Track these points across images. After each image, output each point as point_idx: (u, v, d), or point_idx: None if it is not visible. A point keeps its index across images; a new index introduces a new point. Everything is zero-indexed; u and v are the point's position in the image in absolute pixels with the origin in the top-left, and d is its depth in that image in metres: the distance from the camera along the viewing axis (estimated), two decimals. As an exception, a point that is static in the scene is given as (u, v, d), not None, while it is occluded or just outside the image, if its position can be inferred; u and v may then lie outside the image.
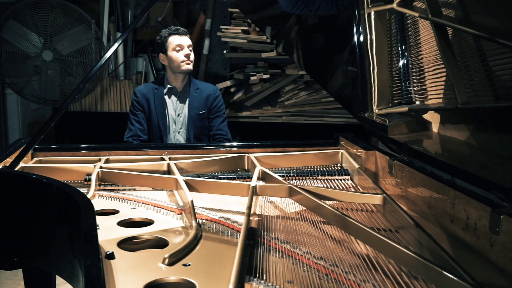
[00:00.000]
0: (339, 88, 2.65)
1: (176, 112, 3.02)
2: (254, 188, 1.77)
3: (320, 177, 2.09)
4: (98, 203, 1.80)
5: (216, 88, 3.11)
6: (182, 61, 2.91)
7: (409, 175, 1.76)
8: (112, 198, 1.87)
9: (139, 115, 2.98)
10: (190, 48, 2.95)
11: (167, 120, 3.00)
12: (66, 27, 4.59)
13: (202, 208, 1.73)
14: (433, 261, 1.16)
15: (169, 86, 3.00)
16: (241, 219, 1.52)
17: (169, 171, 2.10)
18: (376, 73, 2.13)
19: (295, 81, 4.43)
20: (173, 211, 1.70)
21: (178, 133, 3.02)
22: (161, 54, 2.98)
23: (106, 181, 2.02)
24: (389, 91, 2.13)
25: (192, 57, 2.95)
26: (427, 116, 1.96)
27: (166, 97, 3.00)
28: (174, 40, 2.93)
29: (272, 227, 1.52)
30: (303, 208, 1.68)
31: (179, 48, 2.92)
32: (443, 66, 1.72)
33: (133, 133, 2.96)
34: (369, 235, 1.32)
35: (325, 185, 2.00)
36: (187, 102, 3.01)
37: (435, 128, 1.92)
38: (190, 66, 2.94)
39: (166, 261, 1.25)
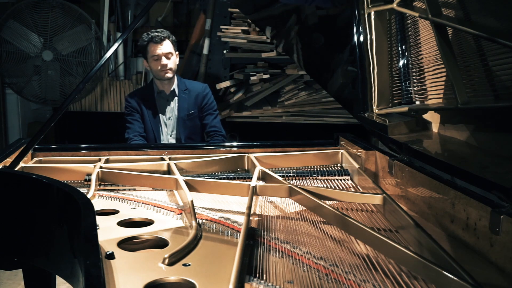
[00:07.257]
0: (339, 88, 2.64)
1: (167, 115, 3.01)
2: (254, 188, 1.77)
3: (320, 177, 2.09)
4: (98, 203, 1.80)
5: (206, 86, 3.08)
6: (161, 71, 2.89)
7: (409, 175, 1.76)
8: (112, 198, 1.87)
9: (136, 115, 2.98)
10: (170, 55, 2.89)
11: (160, 124, 2.99)
12: (66, 27, 4.60)
13: (202, 208, 1.73)
14: (433, 261, 1.16)
15: (157, 90, 2.99)
16: (241, 219, 1.52)
17: (169, 171, 2.10)
18: (376, 73, 2.13)
19: (295, 81, 4.43)
20: (173, 211, 1.70)
21: (170, 136, 3.02)
22: (144, 60, 2.98)
23: (106, 181, 2.02)
24: (389, 91, 2.13)
25: (170, 65, 2.89)
26: (427, 116, 1.96)
27: (156, 101, 2.99)
28: (152, 49, 2.88)
29: (272, 227, 1.52)
30: (303, 208, 1.68)
31: (157, 57, 2.88)
32: (443, 66, 1.72)
33: (133, 130, 2.96)
34: (369, 235, 1.32)
35: (325, 185, 1.99)
36: (176, 104, 3.00)
37: (435, 128, 1.92)
38: (170, 74, 2.90)
39: (166, 261, 1.25)
